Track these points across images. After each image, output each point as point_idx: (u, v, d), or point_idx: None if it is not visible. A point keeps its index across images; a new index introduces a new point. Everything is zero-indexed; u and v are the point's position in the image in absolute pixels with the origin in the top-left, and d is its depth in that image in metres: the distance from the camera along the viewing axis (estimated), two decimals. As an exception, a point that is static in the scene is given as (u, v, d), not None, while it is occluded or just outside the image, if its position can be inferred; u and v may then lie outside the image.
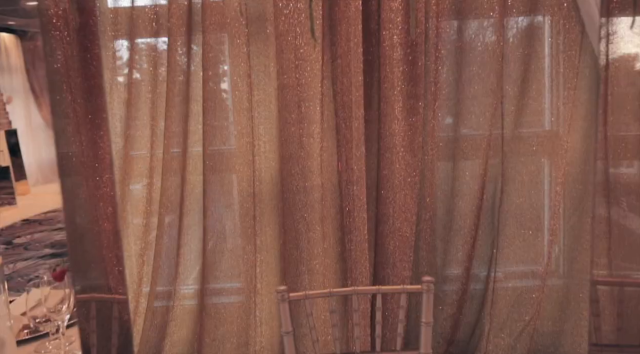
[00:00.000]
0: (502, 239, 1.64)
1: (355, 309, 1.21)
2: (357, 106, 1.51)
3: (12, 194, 6.31)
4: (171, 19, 1.52)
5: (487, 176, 1.60)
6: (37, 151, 8.13)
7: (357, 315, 1.21)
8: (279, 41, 1.51)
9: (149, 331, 1.62)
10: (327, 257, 1.60)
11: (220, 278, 1.64)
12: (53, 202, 6.93)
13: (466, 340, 1.70)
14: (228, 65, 1.59)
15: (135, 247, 1.63)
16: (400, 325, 1.20)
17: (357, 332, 1.22)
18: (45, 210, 6.64)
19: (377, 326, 1.21)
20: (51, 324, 1.21)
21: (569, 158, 1.55)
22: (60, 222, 6.12)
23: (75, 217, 1.46)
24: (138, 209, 1.60)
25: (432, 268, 1.66)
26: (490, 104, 1.57)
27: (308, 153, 1.56)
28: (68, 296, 1.22)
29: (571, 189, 1.59)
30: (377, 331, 1.21)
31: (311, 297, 1.19)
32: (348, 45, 1.50)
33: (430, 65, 1.55)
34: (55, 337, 1.22)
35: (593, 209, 1.54)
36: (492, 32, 1.55)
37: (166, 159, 1.57)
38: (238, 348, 1.64)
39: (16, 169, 7.27)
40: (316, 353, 1.20)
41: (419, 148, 1.57)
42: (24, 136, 7.65)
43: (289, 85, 1.52)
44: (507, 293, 1.66)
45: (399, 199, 1.57)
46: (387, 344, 1.46)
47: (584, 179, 1.56)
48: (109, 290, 1.44)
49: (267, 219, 1.62)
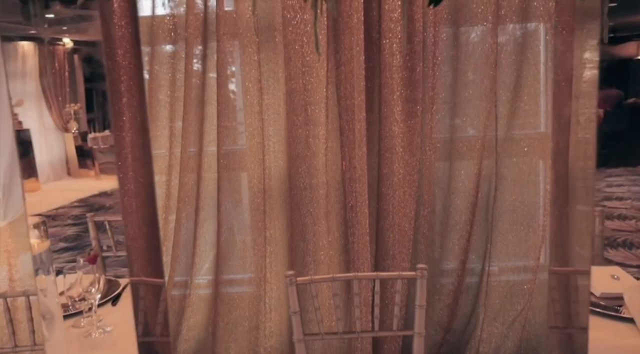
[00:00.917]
0: (496, 234, 1.79)
1: (356, 293, 1.37)
2: (359, 109, 1.67)
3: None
4: (188, 29, 1.69)
5: (481, 175, 1.75)
6: (50, 149, 8.45)
7: (358, 298, 1.37)
8: (287, 49, 1.67)
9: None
10: (331, 249, 1.76)
11: (233, 267, 1.81)
12: (62, 199, 7.21)
13: (462, 329, 1.85)
14: (240, 71, 1.75)
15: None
16: (396, 307, 1.36)
17: (358, 313, 1.38)
18: (56, 206, 6.90)
19: (376, 309, 1.37)
20: (85, 303, 1.39)
21: (557, 159, 1.70)
22: (70, 218, 6.37)
23: (129, 209, 1.64)
24: (158, 203, 1.77)
25: (430, 260, 1.81)
26: (484, 108, 1.72)
27: (314, 153, 1.72)
28: (98, 278, 1.40)
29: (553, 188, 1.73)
30: (375, 313, 1.37)
31: (316, 281, 1.35)
32: (351, 53, 1.65)
33: (427, 71, 1.70)
34: (88, 315, 1.39)
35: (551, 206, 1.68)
36: (486, 40, 1.70)
37: (183, 158, 1.74)
38: (249, 331, 1.81)
39: (27, 167, 7.58)
40: (320, 331, 1.36)
41: (417, 148, 1.72)
42: (36, 136, 7.97)
43: (297, 90, 1.68)
44: (500, 285, 1.80)
45: (399, 196, 1.72)
46: (385, 324, 1.61)
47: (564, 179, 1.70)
48: (150, 274, 1.64)
49: (276, 214, 1.79)
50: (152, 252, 1.65)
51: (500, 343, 1.79)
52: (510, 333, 1.79)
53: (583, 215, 1.63)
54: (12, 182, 1.53)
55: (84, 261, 1.41)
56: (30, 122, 7.97)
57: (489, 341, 1.80)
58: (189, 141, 1.74)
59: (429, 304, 1.84)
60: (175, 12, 1.72)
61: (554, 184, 1.64)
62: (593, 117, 1.64)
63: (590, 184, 1.63)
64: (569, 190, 1.62)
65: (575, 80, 1.66)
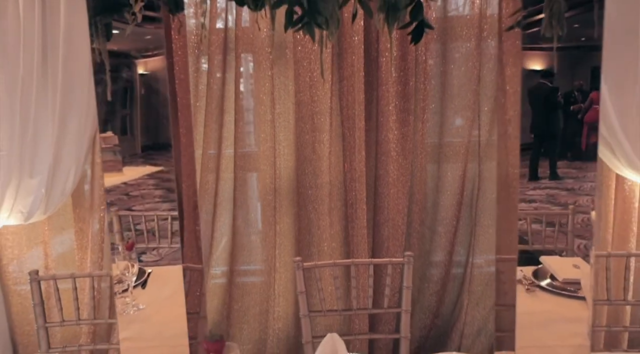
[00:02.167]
0: (479, 228, 2.08)
1: (353, 277, 1.66)
2: (359, 118, 1.96)
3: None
4: (211, 47, 1.99)
5: (466, 176, 2.05)
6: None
7: (355, 281, 1.66)
8: (296, 66, 1.97)
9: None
10: (333, 241, 2.05)
11: (246, 257, 2.10)
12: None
13: (449, 313, 2.15)
14: (255, 84, 2.05)
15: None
16: (387, 289, 1.65)
17: (355, 294, 1.67)
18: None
19: (370, 290, 1.66)
20: (121, 285, 1.68)
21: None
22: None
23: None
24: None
25: (420, 252, 2.10)
26: (468, 117, 2.02)
27: (319, 156, 2.01)
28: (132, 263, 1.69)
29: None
30: (369, 293, 1.66)
31: (319, 266, 1.64)
32: (352, 70, 1.95)
33: (419, 85, 2.00)
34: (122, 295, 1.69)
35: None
36: (470, 58, 1.99)
37: (204, 159, 2.03)
38: (260, 314, 2.10)
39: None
40: (323, 309, 1.65)
41: (410, 153, 2.02)
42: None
43: (304, 101, 1.98)
44: (482, 274, 2.09)
45: (393, 194, 2.02)
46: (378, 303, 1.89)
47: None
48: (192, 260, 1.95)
49: (285, 210, 2.08)
50: (195, 242, 1.95)
51: (481, 325, 2.08)
52: (490, 317, 2.07)
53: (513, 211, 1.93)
54: (54, 181, 1.80)
55: (122, 248, 1.69)
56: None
57: (472, 324, 2.09)
58: (210, 144, 2.03)
59: (419, 291, 2.14)
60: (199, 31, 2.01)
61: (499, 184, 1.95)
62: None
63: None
64: (509, 190, 1.92)
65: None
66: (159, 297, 1.89)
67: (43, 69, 1.66)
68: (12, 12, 1.63)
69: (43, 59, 1.65)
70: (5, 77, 1.66)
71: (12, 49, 1.64)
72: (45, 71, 1.66)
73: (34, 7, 1.61)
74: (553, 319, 1.27)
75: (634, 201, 1.86)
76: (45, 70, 1.66)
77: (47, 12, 1.63)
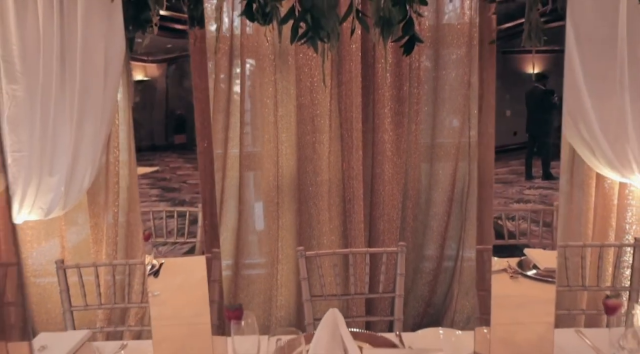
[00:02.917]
0: (468, 223, 2.26)
1: (351, 265, 1.83)
2: (356, 121, 2.14)
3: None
4: (217, 55, 2.16)
5: (456, 174, 2.23)
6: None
7: (353, 269, 1.84)
8: (298, 71, 2.14)
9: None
10: (332, 234, 2.23)
11: (251, 249, 2.28)
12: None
13: (440, 302, 2.33)
14: (259, 88, 2.22)
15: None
16: (382, 275, 1.82)
17: (352, 280, 1.84)
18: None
19: (366, 276, 1.84)
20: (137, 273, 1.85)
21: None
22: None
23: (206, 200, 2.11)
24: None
25: (414, 245, 2.28)
26: (459, 119, 2.20)
27: (319, 155, 2.19)
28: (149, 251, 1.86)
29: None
30: (365, 280, 1.84)
31: (320, 255, 1.82)
32: (350, 75, 2.13)
33: (413, 90, 2.17)
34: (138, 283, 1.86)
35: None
36: (460, 65, 2.18)
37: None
38: (264, 302, 2.28)
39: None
40: (324, 293, 1.82)
41: (404, 152, 2.20)
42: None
43: (305, 104, 2.16)
44: (471, 266, 2.28)
45: (388, 191, 2.19)
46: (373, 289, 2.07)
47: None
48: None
49: (287, 206, 2.25)
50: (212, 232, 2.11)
51: (470, 313, 2.26)
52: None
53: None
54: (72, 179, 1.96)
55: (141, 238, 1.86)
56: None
57: (461, 312, 2.27)
58: (217, 144, 2.20)
59: (413, 282, 2.32)
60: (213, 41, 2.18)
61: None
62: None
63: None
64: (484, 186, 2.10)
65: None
66: (172, 285, 2.06)
67: (61, 76, 1.80)
68: (31, 22, 1.76)
69: (61, 66, 1.79)
70: (26, 84, 1.80)
71: (31, 57, 1.78)
72: (63, 77, 1.80)
73: (52, 17, 1.74)
74: (531, 301, 1.46)
75: (613, 198, 2.05)
76: (63, 77, 1.80)
77: (64, 21, 1.76)
